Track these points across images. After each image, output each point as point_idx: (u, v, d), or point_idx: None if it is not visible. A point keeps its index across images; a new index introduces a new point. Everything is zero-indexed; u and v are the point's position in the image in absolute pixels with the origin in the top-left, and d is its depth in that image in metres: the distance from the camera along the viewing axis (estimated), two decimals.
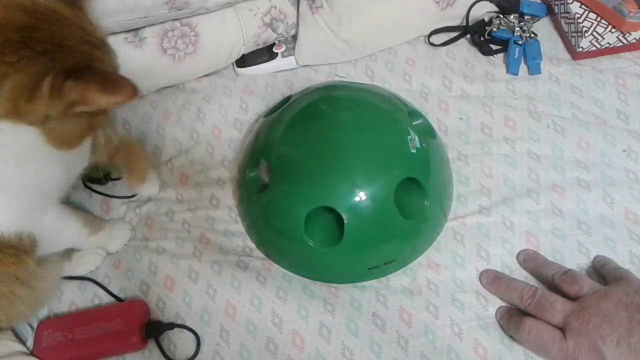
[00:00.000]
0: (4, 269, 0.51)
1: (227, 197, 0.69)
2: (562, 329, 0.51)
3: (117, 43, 0.70)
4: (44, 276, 0.57)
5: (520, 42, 0.75)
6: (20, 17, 0.39)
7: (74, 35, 0.42)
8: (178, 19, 0.73)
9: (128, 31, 0.71)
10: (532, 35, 0.76)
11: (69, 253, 0.64)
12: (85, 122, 0.44)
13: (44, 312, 0.63)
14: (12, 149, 0.43)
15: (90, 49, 0.43)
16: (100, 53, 0.43)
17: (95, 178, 0.69)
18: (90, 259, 0.65)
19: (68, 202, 0.63)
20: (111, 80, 0.40)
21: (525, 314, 0.55)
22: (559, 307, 0.52)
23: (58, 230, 0.56)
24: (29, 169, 0.47)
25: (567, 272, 0.56)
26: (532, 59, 0.74)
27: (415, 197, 0.59)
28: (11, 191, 0.47)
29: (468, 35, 0.78)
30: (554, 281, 0.56)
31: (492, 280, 0.59)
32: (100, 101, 0.39)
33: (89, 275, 0.64)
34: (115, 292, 0.63)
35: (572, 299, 0.53)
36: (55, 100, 0.38)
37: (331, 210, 0.57)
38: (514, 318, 0.55)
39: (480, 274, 0.60)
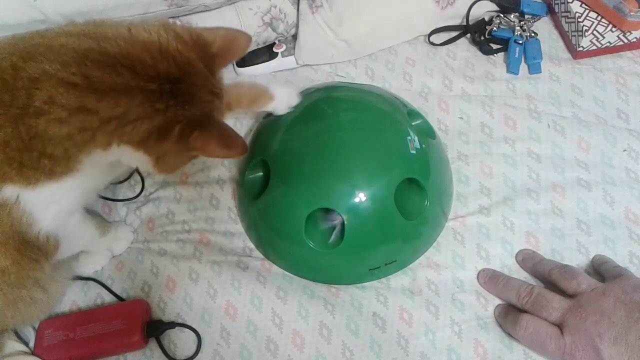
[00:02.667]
0: (24, 272, 0.52)
1: (227, 198, 0.69)
2: (560, 326, 0.51)
3: None
4: (58, 280, 0.59)
5: (520, 42, 0.75)
6: (173, 70, 0.44)
7: (205, 87, 0.47)
8: (177, 17, 0.72)
9: None
10: (533, 34, 0.76)
11: (76, 254, 0.64)
12: (189, 157, 0.50)
13: None
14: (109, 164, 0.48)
15: (213, 99, 0.48)
16: (219, 103, 0.48)
17: None
18: (97, 259, 0.65)
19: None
20: (229, 136, 0.46)
21: (523, 311, 0.55)
22: (556, 305, 0.52)
23: (78, 233, 0.58)
24: (97, 178, 0.52)
25: (565, 268, 0.56)
26: (533, 58, 0.74)
27: (416, 198, 0.59)
28: (64, 198, 0.50)
29: (468, 35, 0.78)
30: (551, 277, 0.56)
31: (490, 279, 0.59)
32: (216, 153, 0.46)
33: (93, 276, 0.65)
34: (117, 293, 0.63)
35: (570, 295, 0.53)
36: (181, 145, 0.45)
37: (331, 211, 0.57)
38: (511, 315, 0.55)
39: (478, 273, 0.60)
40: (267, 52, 0.79)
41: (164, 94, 0.44)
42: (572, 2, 0.74)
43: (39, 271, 0.53)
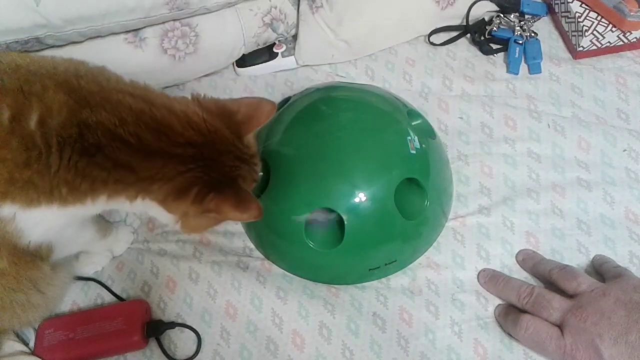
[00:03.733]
0: (21, 272, 0.52)
1: None
2: (560, 327, 0.51)
3: (117, 43, 0.70)
4: (57, 284, 0.59)
5: (520, 42, 0.75)
6: (197, 137, 0.47)
7: (229, 152, 0.48)
8: (178, 19, 0.73)
9: (128, 32, 0.71)
10: (533, 34, 0.76)
11: (76, 254, 0.64)
12: (213, 220, 0.51)
13: None
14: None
15: (239, 164, 0.49)
16: (246, 168, 0.50)
17: None
18: (97, 259, 0.65)
19: None
20: (244, 199, 0.47)
21: (523, 312, 0.55)
22: (556, 305, 0.52)
23: (75, 237, 0.57)
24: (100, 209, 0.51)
25: (565, 268, 0.56)
26: (533, 59, 0.74)
27: (416, 198, 0.59)
28: (58, 220, 0.50)
29: (468, 35, 0.78)
30: (551, 277, 0.56)
31: (490, 279, 0.59)
32: (230, 215, 0.47)
33: (93, 276, 0.65)
34: (117, 293, 0.63)
35: (570, 295, 0.53)
36: (197, 206, 0.46)
37: (331, 212, 0.57)
38: (512, 315, 0.55)
39: (478, 273, 0.60)
40: (267, 53, 0.79)
41: (187, 158, 0.46)
42: (572, 2, 0.74)
43: (38, 270, 0.53)
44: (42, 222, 0.48)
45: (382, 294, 0.60)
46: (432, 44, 0.78)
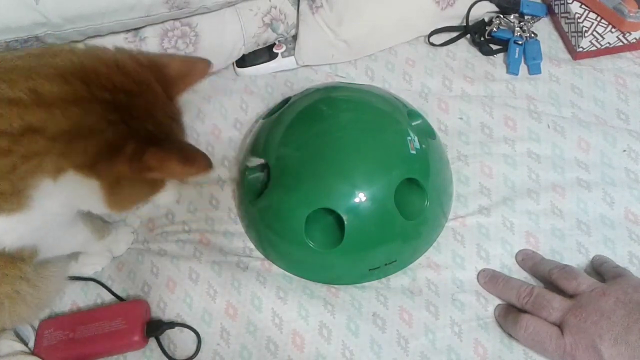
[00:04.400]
0: (1, 271, 0.50)
1: (227, 198, 0.69)
2: (560, 326, 0.51)
3: (117, 43, 0.70)
4: (48, 277, 0.58)
5: (520, 42, 0.75)
6: (129, 84, 0.42)
7: (163, 110, 0.44)
8: (178, 19, 0.73)
9: (128, 31, 0.71)
10: (532, 35, 0.76)
11: (75, 254, 0.64)
12: (147, 190, 0.46)
13: (45, 312, 0.63)
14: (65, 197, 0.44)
15: (171, 122, 0.45)
16: (177, 127, 0.46)
17: None
18: (97, 260, 0.65)
19: None
20: (189, 152, 0.42)
21: (523, 311, 0.55)
22: (556, 305, 0.52)
23: (64, 238, 0.56)
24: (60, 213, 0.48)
25: (565, 268, 0.56)
26: (532, 59, 0.74)
27: (416, 198, 0.59)
28: (22, 228, 0.47)
29: (468, 35, 0.78)
30: (551, 277, 0.56)
31: (489, 279, 0.59)
32: (176, 171, 0.42)
33: (93, 276, 0.65)
34: (117, 293, 0.63)
35: (570, 295, 0.53)
36: (134, 164, 0.40)
37: (331, 212, 0.57)
38: (512, 315, 0.55)
39: (478, 273, 0.60)
40: (267, 53, 0.79)
41: (119, 107, 0.41)
42: (571, 3, 0.75)
43: (18, 270, 0.51)
44: (6, 231, 0.45)
45: (382, 294, 0.60)
46: (432, 44, 0.78)
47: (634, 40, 0.73)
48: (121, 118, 0.40)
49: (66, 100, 0.39)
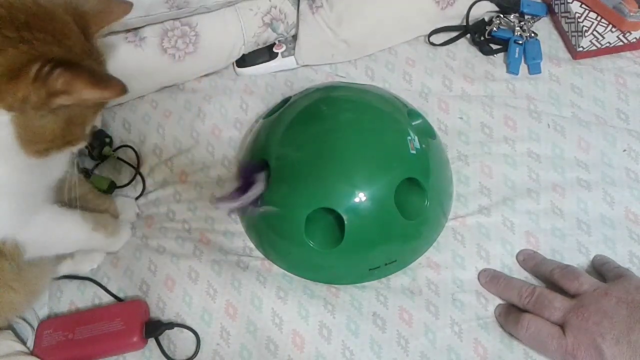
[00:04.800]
0: None
1: None
2: (562, 326, 0.51)
3: (117, 42, 0.70)
4: (35, 264, 0.55)
5: (520, 42, 0.75)
6: (30, 5, 0.40)
7: (76, 40, 0.42)
8: (178, 19, 0.73)
9: (128, 30, 0.71)
10: (533, 34, 0.76)
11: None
12: (60, 126, 0.43)
13: (44, 312, 0.63)
14: None
15: (87, 57, 0.43)
16: (93, 63, 0.43)
17: (101, 189, 0.68)
18: (92, 257, 0.65)
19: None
20: (100, 75, 0.40)
21: (524, 311, 0.55)
22: (558, 305, 0.52)
23: (52, 233, 0.54)
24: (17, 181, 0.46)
25: (567, 268, 0.56)
26: (532, 59, 0.74)
27: (416, 198, 0.59)
28: None
29: (468, 35, 0.78)
30: (553, 277, 0.56)
31: (491, 279, 0.59)
32: (86, 94, 0.39)
33: (89, 275, 0.64)
34: (115, 291, 0.63)
35: (571, 295, 0.53)
36: (39, 84, 0.38)
37: (331, 212, 0.57)
38: (513, 314, 0.55)
39: (479, 273, 0.60)
40: (267, 53, 0.79)
41: (17, 24, 0.38)
42: (571, 3, 0.75)
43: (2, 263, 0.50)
44: None
45: (382, 294, 0.60)
46: (432, 44, 0.78)
47: (634, 40, 0.73)
48: (21, 36, 0.38)
49: None
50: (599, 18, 0.72)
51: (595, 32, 0.72)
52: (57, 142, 0.44)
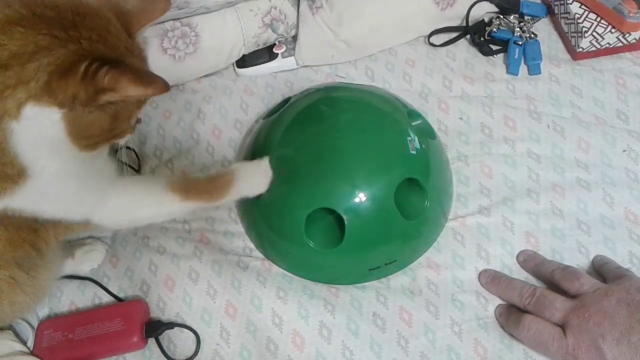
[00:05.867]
0: (11, 253, 0.50)
1: None
2: (562, 327, 0.51)
3: None
4: (46, 266, 0.56)
5: (520, 43, 0.75)
6: (77, 4, 0.42)
7: (119, 38, 0.44)
8: (178, 19, 0.73)
9: None
10: (532, 35, 0.76)
11: (72, 250, 0.64)
12: (107, 121, 0.44)
13: (44, 312, 0.63)
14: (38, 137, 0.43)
15: (130, 54, 0.44)
16: (135, 60, 0.45)
17: None
18: (93, 256, 0.65)
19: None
20: (144, 73, 0.41)
21: (525, 312, 0.55)
22: (558, 305, 0.52)
23: (134, 209, 0.55)
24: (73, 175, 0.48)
25: (567, 269, 0.56)
26: (532, 59, 0.74)
27: (416, 198, 0.59)
28: (48, 195, 0.47)
29: (468, 36, 0.78)
30: (553, 277, 0.56)
31: (491, 279, 0.59)
32: (130, 90, 0.40)
33: (90, 275, 0.64)
34: (115, 291, 0.63)
35: (572, 296, 0.53)
36: (87, 82, 0.40)
37: (331, 212, 0.57)
38: (514, 315, 0.55)
39: (479, 273, 0.60)
40: (267, 53, 0.79)
41: (66, 24, 0.40)
42: (571, 3, 0.75)
43: (24, 253, 0.51)
44: (35, 202, 0.46)
45: (382, 294, 0.60)
46: (432, 44, 0.78)
47: (634, 41, 0.73)
48: (69, 36, 0.40)
49: (7, 22, 0.39)
50: (598, 19, 0.73)
51: (594, 33, 0.72)
52: (105, 136, 0.45)
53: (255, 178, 0.59)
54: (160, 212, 0.56)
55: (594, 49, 0.73)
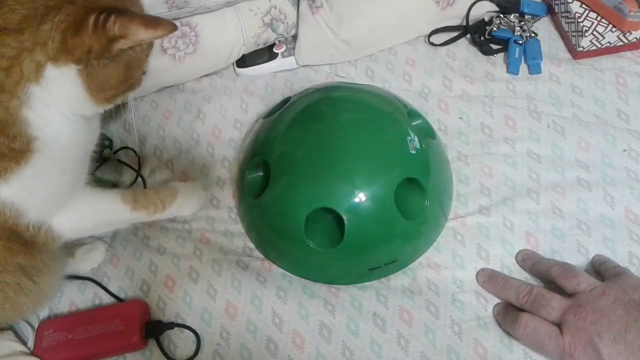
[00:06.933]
0: (11, 259, 0.51)
1: (227, 198, 0.69)
2: (559, 325, 0.51)
3: None
4: (50, 273, 0.57)
5: (520, 42, 0.75)
6: None
7: None
8: (178, 19, 0.73)
9: None
10: (533, 34, 0.76)
11: (72, 250, 0.64)
12: (122, 72, 0.46)
13: (44, 312, 0.63)
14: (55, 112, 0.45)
15: (129, 3, 0.46)
16: (138, 9, 0.47)
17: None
18: (93, 255, 0.65)
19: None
20: (150, 17, 0.43)
21: (522, 311, 0.55)
22: (555, 304, 0.52)
23: (90, 215, 0.56)
24: (71, 153, 0.49)
25: (565, 266, 0.56)
26: (533, 59, 0.74)
27: (416, 198, 0.59)
28: (44, 184, 0.48)
29: (468, 35, 0.78)
30: (551, 274, 0.56)
31: (489, 278, 0.59)
32: (141, 35, 0.42)
33: (90, 275, 0.65)
34: (115, 291, 0.63)
35: (569, 294, 0.53)
36: (99, 33, 0.41)
37: (331, 211, 0.57)
38: (511, 313, 0.55)
39: (477, 272, 0.60)
40: (267, 53, 0.79)
41: None
42: (572, 3, 0.74)
43: (30, 258, 0.52)
44: (30, 192, 0.47)
45: (382, 293, 0.60)
46: (432, 44, 0.78)
47: (635, 40, 0.73)
48: None
49: None
50: (599, 18, 0.72)
51: (595, 32, 0.72)
52: (122, 87, 0.48)
53: (193, 198, 0.65)
54: (112, 220, 0.60)
55: (594, 48, 0.73)
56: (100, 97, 0.46)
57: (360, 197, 0.57)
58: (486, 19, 0.79)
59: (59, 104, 0.45)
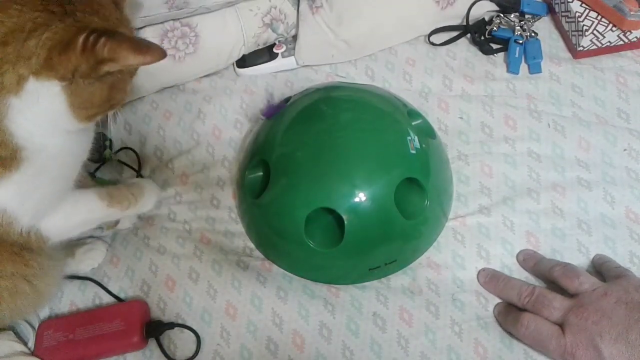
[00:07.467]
0: (7, 267, 0.51)
1: (227, 198, 0.69)
2: (561, 325, 0.51)
3: None
4: (47, 274, 0.58)
5: (520, 41, 0.75)
6: None
7: (110, 10, 0.44)
8: (178, 19, 0.73)
9: None
10: (533, 34, 0.76)
11: (72, 250, 0.64)
12: (106, 91, 0.46)
13: (45, 313, 0.63)
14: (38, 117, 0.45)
15: (120, 25, 0.45)
16: (127, 32, 0.46)
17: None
18: (93, 255, 0.65)
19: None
20: (140, 42, 0.42)
21: (524, 311, 0.55)
22: (557, 304, 0.52)
23: (73, 217, 0.57)
24: (59, 160, 0.49)
25: (567, 266, 0.56)
26: (533, 58, 0.74)
27: (416, 198, 0.59)
28: (34, 189, 0.48)
29: (468, 35, 0.78)
30: (552, 275, 0.56)
31: (490, 278, 0.59)
32: (130, 59, 0.41)
33: (90, 275, 0.65)
34: (115, 291, 0.63)
35: (571, 294, 0.53)
36: (87, 54, 0.41)
37: (331, 211, 0.57)
38: (512, 313, 0.55)
39: (478, 272, 0.60)
40: (267, 53, 0.79)
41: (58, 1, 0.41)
42: (572, 2, 0.74)
43: (25, 265, 0.53)
44: (21, 199, 0.47)
45: (382, 293, 0.60)
46: (432, 44, 0.78)
47: (635, 39, 0.73)
48: (64, 10, 0.41)
49: (3, 0, 0.40)
50: (599, 17, 0.72)
51: (595, 32, 0.72)
52: (104, 106, 0.47)
53: (152, 195, 0.66)
54: (92, 218, 0.60)
55: (594, 47, 0.73)
56: (82, 114, 0.45)
57: (360, 197, 0.57)
58: (486, 19, 0.79)
59: (40, 117, 0.44)
